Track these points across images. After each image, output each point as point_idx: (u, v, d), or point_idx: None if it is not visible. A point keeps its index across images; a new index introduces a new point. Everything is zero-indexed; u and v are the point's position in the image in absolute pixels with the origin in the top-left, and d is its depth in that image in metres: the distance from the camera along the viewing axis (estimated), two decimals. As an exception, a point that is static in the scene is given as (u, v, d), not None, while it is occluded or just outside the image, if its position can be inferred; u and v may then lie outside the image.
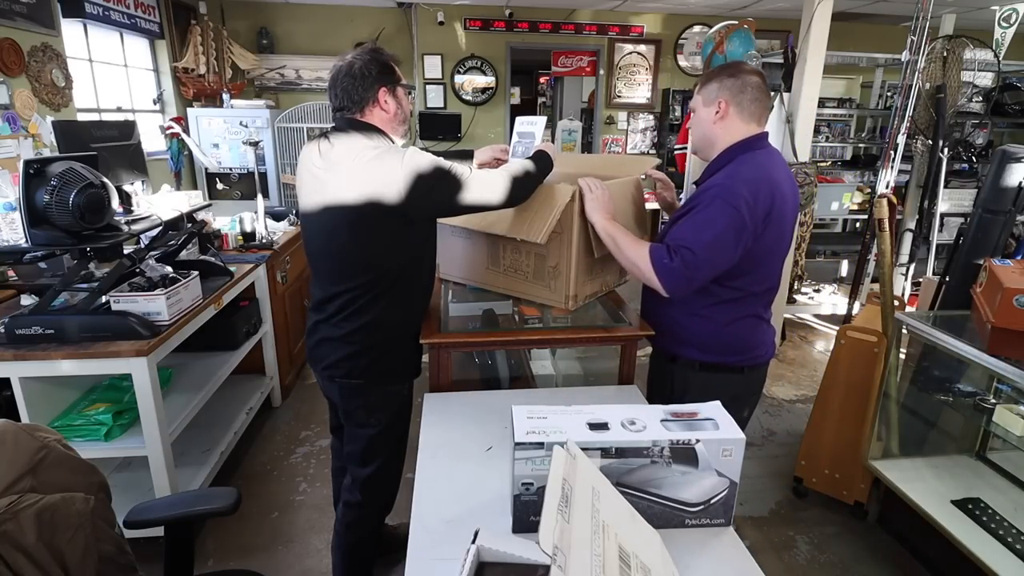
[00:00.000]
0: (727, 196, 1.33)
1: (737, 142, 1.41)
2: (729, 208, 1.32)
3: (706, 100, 1.43)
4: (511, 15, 5.86)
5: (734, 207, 1.32)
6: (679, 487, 1.02)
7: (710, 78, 1.43)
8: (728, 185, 1.34)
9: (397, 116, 1.48)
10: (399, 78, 1.47)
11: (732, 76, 1.39)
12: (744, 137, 1.41)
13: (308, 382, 3.30)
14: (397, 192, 1.33)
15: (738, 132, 1.41)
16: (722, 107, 1.39)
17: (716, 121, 1.41)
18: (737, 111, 1.40)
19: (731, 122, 1.40)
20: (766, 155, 1.42)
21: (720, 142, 1.43)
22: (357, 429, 1.56)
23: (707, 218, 1.33)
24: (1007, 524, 1.87)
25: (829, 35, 3.30)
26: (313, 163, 1.42)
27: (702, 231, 1.33)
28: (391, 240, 1.40)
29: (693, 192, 1.49)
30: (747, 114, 1.40)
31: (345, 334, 1.46)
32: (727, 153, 1.42)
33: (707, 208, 1.34)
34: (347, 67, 1.40)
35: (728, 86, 1.39)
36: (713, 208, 1.33)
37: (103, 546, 1.05)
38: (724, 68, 1.43)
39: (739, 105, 1.39)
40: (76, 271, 1.84)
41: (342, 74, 1.41)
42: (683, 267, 1.33)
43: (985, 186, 2.34)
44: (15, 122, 3.03)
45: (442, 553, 1.00)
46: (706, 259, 1.34)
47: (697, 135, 1.47)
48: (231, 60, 5.24)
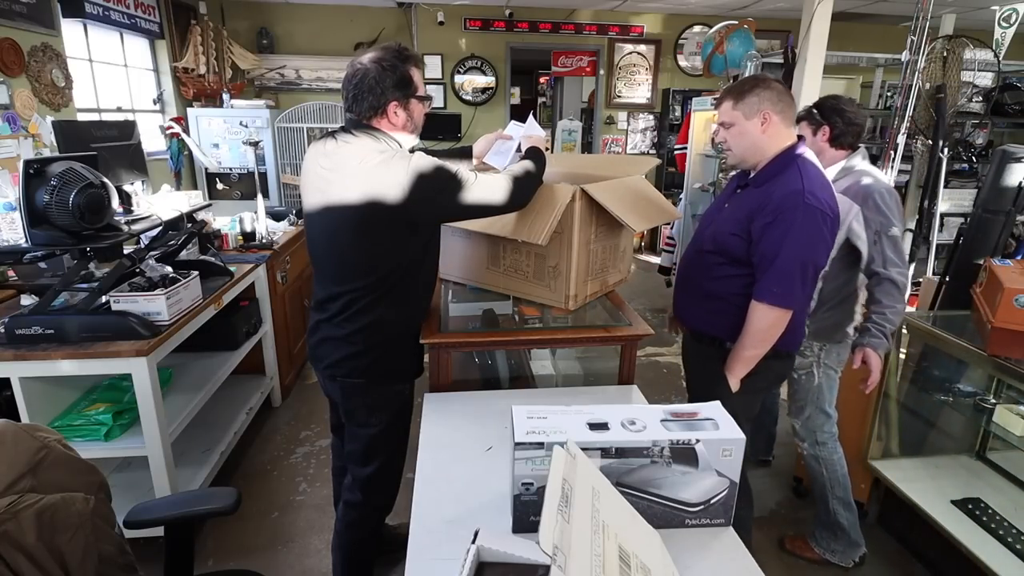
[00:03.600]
0: (810, 200, 1.40)
1: (787, 147, 1.50)
2: (815, 211, 1.40)
3: (748, 113, 1.49)
4: (511, 15, 5.86)
5: (819, 209, 1.40)
6: (679, 487, 1.02)
7: (745, 92, 1.49)
8: (805, 189, 1.41)
9: (406, 127, 1.46)
10: (415, 90, 1.43)
11: (766, 87, 1.48)
12: (791, 142, 1.51)
13: (308, 382, 3.30)
14: (401, 197, 1.32)
15: (784, 137, 1.50)
16: (767, 117, 1.48)
17: (765, 131, 1.49)
18: (781, 118, 1.49)
19: (777, 129, 1.49)
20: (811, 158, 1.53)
21: (770, 149, 1.50)
22: (358, 429, 1.56)
23: (798, 225, 1.40)
24: (1007, 524, 1.87)
25: (829, 35, 3.31)
26: (319, 162, 1.42)
27: (798, 240, 1.41)
28: (394, 243, 1.40)
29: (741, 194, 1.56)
30: (788, 120, 1.51)
31: (347, 334, 1.46)
32: (781, 159, 1.49)
33: (794, 215, 1.41)
34: (363, 74, 1.38)
35: (767, 97, 1.47)
36: (800, 214, 1.40)
37: (103, 546, 1.05)
38: (753, 82, 1.51)
39: (781, 113, 1.48)
40: (76, 271, 1.84)
41: (357, 79, 1.38)
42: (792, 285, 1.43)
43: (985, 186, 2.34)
44: (15, 122, 3.03)
45: (442, 553, 1.00)
46: (810, 263, 1.43)
47: (744, 146, 1.53)
48: (231, 60, 5.24)
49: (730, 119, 1.53)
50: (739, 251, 1.51)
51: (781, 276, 1.43)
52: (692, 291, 1.66)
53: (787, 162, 1.49)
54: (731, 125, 1.53)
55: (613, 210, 1.55)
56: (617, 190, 1.65)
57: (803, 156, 1.50)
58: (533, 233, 1.52)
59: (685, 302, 1.71)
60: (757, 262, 1.47)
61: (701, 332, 1.65)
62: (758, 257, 1.47)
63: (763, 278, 1.46)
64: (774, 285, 1.44)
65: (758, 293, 1.46)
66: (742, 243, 1.50)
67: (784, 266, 1.42)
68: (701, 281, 1.62)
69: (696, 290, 1.64)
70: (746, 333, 1.50)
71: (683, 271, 1.73)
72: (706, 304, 1.61)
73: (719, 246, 1.55)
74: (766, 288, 1.45)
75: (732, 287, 1.54)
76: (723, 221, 1.57)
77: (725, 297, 1.56)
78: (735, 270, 1.53)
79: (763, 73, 1.54)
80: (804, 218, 1.40)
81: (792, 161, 1.48)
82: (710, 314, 1.61)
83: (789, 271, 1.42)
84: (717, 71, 4.14)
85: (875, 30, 6.16)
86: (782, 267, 1.42)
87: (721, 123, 1.56)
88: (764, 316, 1.46)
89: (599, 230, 1.69)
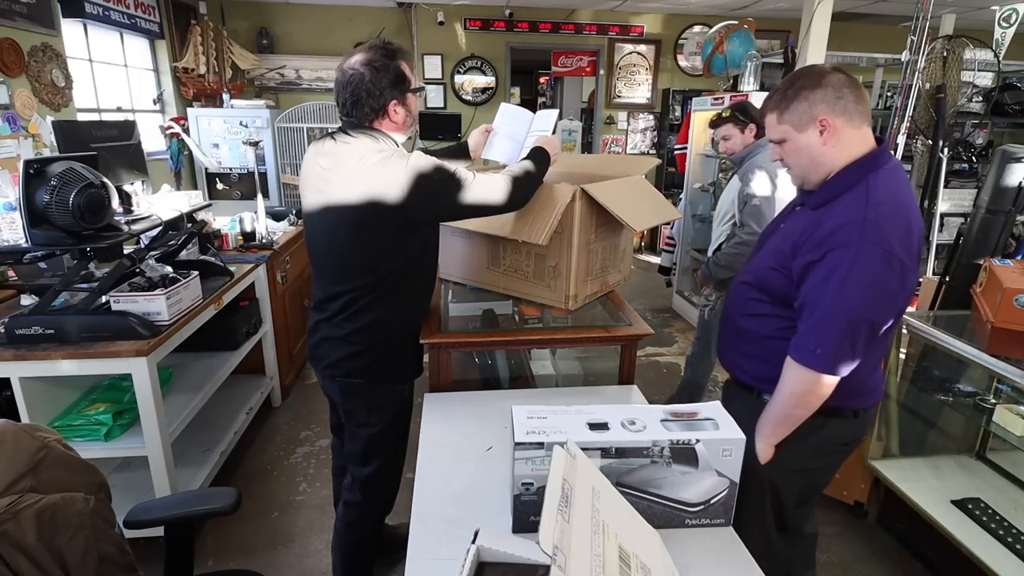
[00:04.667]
0: (872, 235, 1.08)
1: (859, 159, 1.17)
2: (878, 251, 1.08)
3: (799, 124, 1.18)
4: (511, 15, 5.86)
5: (884, 248, 1.08)
6: (679, 487, 1.02)
7: (790, 98, 1.18)
8: (868, 220, 1.09)
9: (406, 123, 1.47)
10: (410, 83, 1.43)
11: (817, 85, 1.15)
12: (866, 151, 1.17)
13: (308, 382, 3.30)
14: (400, 196, 1.32)
15: (855, 143, 1.17)
16: (826, 124, 1.15)
17: (827, 142, 1.16)
18: (845, 120, 1.15)
19: (842, 135, 1.16)
20: (894, 174, 1.17)
21: (835, 163, 1.18)
22: (358, 428, 1.56)
23: (851, 268, 1.09)
24: (1007, 524, 1.87)
25: (829, 35, 3.31)
26: (318, 162, 1.42)
27: (850, 289, 1.09)
28: (393, 243, 1.40)
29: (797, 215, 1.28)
30: (857, 118, 1.16)
31: (347, 334, 1.46)
32: (848, 174, 1.17)
33: (846, 253, 1.10)
34: (358, 78, 1.37)
35: (820, 98, 1.15)
36: (855, 253, 1.09)
37: (103, 546, 1.05)
38: (798, 81, 1.18)
39: (846, 113, 1.15)
40: (76, 271, 1.84)
41: (353, 84, 1.38)
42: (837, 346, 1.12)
43: (985, 186, 2.34)
44: (15, 122, 3.03)
45: (442, 553, 1.00)
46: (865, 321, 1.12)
47: (803, 164, 1.22)
48: (231, 60, 5.24)
49: (779, 135, 1.22)
50: (779, 289, 1.23)
51: (822, 334, 1.13)
52: (727, 326, 1.42)
53: (853, 179, 1.16)
54: (783, 141, 1.22)
55: (613, 210, 1.55)
56: (617, 190, 1.65)
57: (881, 172, 1.15)
58: (533, 233, 1.52)
59: (725, 340, 1.45)
60: (798, 308, 1.19)
61: (735, 377, 1.42)
62: (799, 301, 1.18)
63: (801, 332, 1.17)
64: (813, 343, 1.14)
65: (794, 348, 1.18)
66: (782, 280, 1.22)
67: (828, 321, 1.12)
68: (735, 315, 1.37)
69: (729, 325, 1.40)
70: (777, 393, 1.23)
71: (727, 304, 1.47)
72: (739, 344, 1.37)
73: (757, 279, 1.30)
74: (803, 345, 1.16)
75: (767, 328, 1.28)
76: (768, 250, 1.30)
77: (760, 338, 1.30)
78: (774, 309, 1.27)
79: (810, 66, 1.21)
80: (861, 259, 1.08)
81: (861, 178, 1.15)
82: (744, 356, 1.36)
83: (834, 329, 1.11)
84: (717, 71, 4.14)
85: (875, 30, 6.16)
86: (825, 322, 1.12)
87: (770, 140, 1.26)
88: (798, 379, 1.17)
89: (599, 230, 1.69)
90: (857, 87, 1.16)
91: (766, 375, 1.27)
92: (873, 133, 1.20)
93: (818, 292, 1.13)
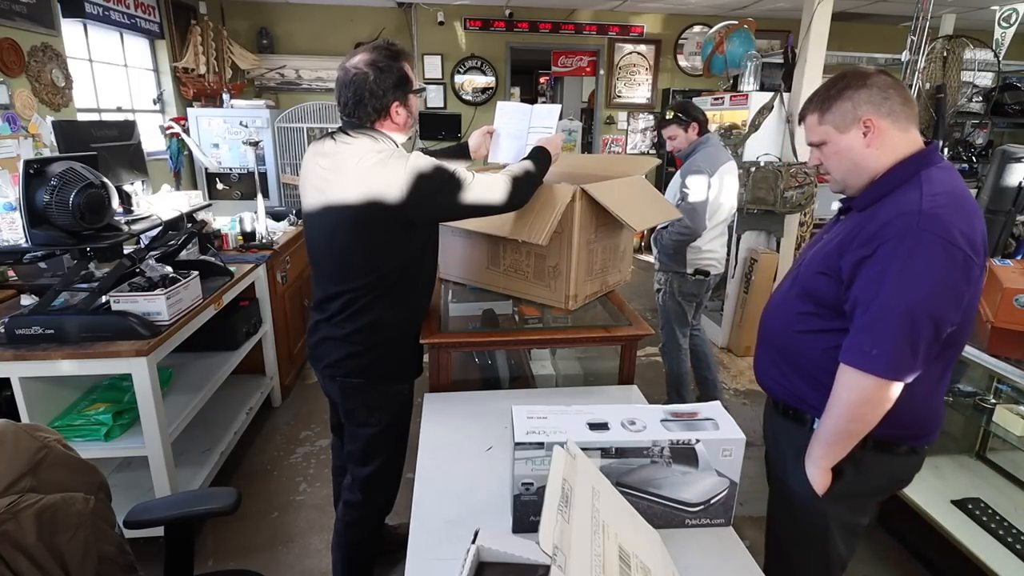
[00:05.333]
0: (931, 224, 1.00)
1: (908, 156, 1.10)
2: (938, 240, 0.99)
3: (841, 125, 1.12)
4: (511, 15, 5.86)
5: (945, 238, 0.99)
6: (679, 487, 1.02)
7: (832, 98, 1.13)
8: (925, 210, 1.01)
9: (407, 124, 1.47)
10: (411, 85, 1.43)
11: (861, 85, 1.10)
12: (913, 150, 1.10)
13: (308, 382, 3.30)
14: (400, 196, 1.32)
15: (901, 146, 1.10)
16: (872, 125, 1.09)
17: (871, 144, 1.10)
18: (891, 122, 1.09)
19: (887, 138, 1.10)
20: (948, 171, 1.10)
21: (880, 165, 1.12)
22: (358, 428, 1.56)
23: (909, 259, 1.00)
24: (1007, 524, 1.88)
25: (829, 35, 3.31)
26: (318, 162, 1.42)
27: (909, 281, 1.00)
28: (392, 242, 1.40)
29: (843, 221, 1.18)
30: (903, 120, 1.10)
31: (347, 334, 1.46)
32: (897, 172, 1.10)
33: (902, 244, 1.01)
34: (361, 79, 1.37)
35: (865, 98, 1.09)
36: (913, 243, 1.00)
37: (103, 546, 1.05)
38: (841, 81, 1.13)
39: (891, 115, 1.09)
40: (76, 271, 1.84)
41: (355, 84, 1.38)
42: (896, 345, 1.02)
43: (985, 186, 2.34)
44: (15, 122, 3.03)
45: (442, 553, 1.00)
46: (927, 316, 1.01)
47: (845, 168, 1.15)
48: (231, 60, 5.24)
49: (820, 136, 1.16)
50: (829, 295, 1.13)
51: (879, 331, 1.03)
52: (768, 343, 1.29)
53: (904, 175, 1.09)
54: (823, 144, 1.17)
55: (613, 210, 1.55)
56: (617, 190, 1.65)
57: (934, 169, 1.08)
58: (533, 233, 1.52)
59: (761, 357, 1.33)
60: (849, 310, 1.09)
61: (778, 400, 1.29)
62: (850, 303, 1.09)
63: (854, 332, 1.07)
64: (867, 342, 1.04)
65: (846, 352, 1.07)
66: (832, 284, 1.12)
67: (884, 317, 1.02)
68: (779, 332, 1.25)
69: (772, 342, 1.28)
70: (831, 405, 1.11)
71: (765, 319, 1.34)
72: (786, 364, 1.23)
73: (804, 288, 1.19)
74: (856, 346, 1.06)
75: (820, 345, 1.16)
76: (813, 257, 1.20)
77: (811, 357, 1.18)
78: (826, 322, 1.15)
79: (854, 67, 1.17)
80: (920, 249, 0.99)
81: (913, 174, 1.08)
82: (791, 378, 1.23)
83: (891, 325, 1.01)
84: (717, 71, 4.14)
85: (875, 30, 6.16)
86: (881, 318, 1.02)
87: (810, 143, 1.20)
88: (853, 386, 1.06)
89: (599, 230, 1.69)
90: (903, 89, 1.10)
91: (818, 400, 1.15)
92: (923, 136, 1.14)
93: (871, 288, 1.03)
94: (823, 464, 1.15)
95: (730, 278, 3.73)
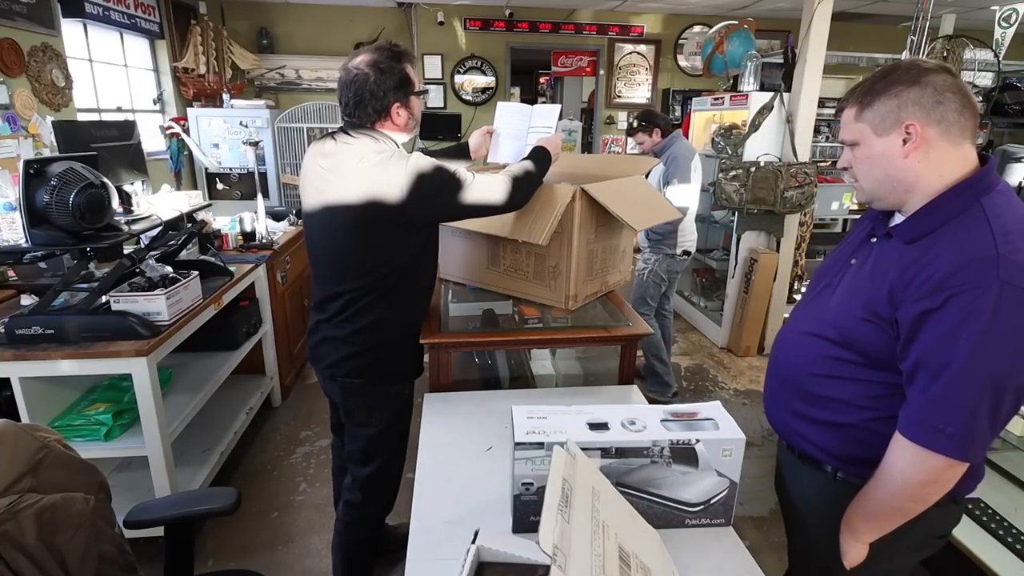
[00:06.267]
0: (1016, 276, 0.83)
1: (963, 180, 0.93)
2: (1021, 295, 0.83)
3: (880, 126, 0.94)
4: (511, 15, 5.86)
5: None
6: (679, 487, 1.02)
7: (877, 92, 0.94)
8: (1008, 256, 0.84)
9: (408, 125, 1.47)
10: (413, 86, 1.43)
11: (914, 83, 0.91)
12: (968, 171, 0.93)
13: (308, 382, 3.30)
14: (400, 197, 1.32)
15: (950, 163, 0.93)
16: (915, 131, 0.91)
17: (910, 153, 0.93)
18: (940, 132, 0.91)
19: (933, 149, 0.92)
20: (1009, 197, 0.94)
21: (924, 183, 0.94)
22: (358, 428, 1.56)
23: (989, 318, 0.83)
24: (1007, 524, 1.87)
25: (829, 35, 3.30)
26: (318, 162, 1.42)
27: (990, 345, 0.84)
28: (392, 243, 1.40)
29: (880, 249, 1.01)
30: (956, 133, 0.92)
31: (347, 334, 1.46)
32: (951, 198, 0.92)
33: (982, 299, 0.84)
34: (362, 79, 1.37)
35: (914, 99, 0.91)
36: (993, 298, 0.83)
37: (103, 546, 1.05)
38: (893, 74, 0.94)
39: (942, 123, 0.91)
40: (76, 271, 1.84)
41: (357, 84, 1.37)
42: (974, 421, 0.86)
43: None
44: (15, 122, 3.03)
45: (442, 553, 1.00)
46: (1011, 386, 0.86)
47: (875, 178, 0.98)
48: (231, 60, 5.25)
49: (854, 136, 0.99)
50: (876, 347, 0.97)
51: (955, 405, 0.86)
52: (785, 382, 1.14)
53: (961, 204, 0.91)
54: (855, 144, 0.99)
55: (613, 210, 1.55)
56: (617, 190, 1.65)
57: (994, 195, 0.91)
58: (533, 233, 1.52)
59: (778, 397, 1.17)
60: (909, 370, 0.92)
61: (793, 445, 1.15)
62: (910, 362, 0.91)
63: (920, 402, 0.90)
64: (940, 418, 0.87)
65: (910, 426, 0.91)
66: (882, 336, 0.95)
67: (962, 389, 0.85)
68: (799, 373, 1.09)
69: (790, 383, 1.12)
70: (884, 481, 0.95)
71: (779, 353, 1.17)
72: (806, 409, 1.09)
73: (842, 333, 1.01)
74: (925, 421, 0.89)
75: (849, 393, 1.02)
76: (848, 294, 1.02)
77: (839, 407, 1.04)
78: (863, 372, 1.00)
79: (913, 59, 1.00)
80: (1003, 306, 0.83)
81: (970, 203, 0.91)
82: (812, 425, 1.08)
83: (971, 399, 0.85)
84: (717, 71, 4.14)
85: (875, 30, 6.16)
86: (958, 390, 0.85)
87: (842, 141, 1.02)
88: (919, 466, 0.91)
89: (599, 230, 1.69)
90: (965, 95, 0.91)
91: (843, 452, 1.04)
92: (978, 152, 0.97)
93: (944, 351, 0.86)
94: (865, 539, 1.02)
95: (730, 278, 3.73)
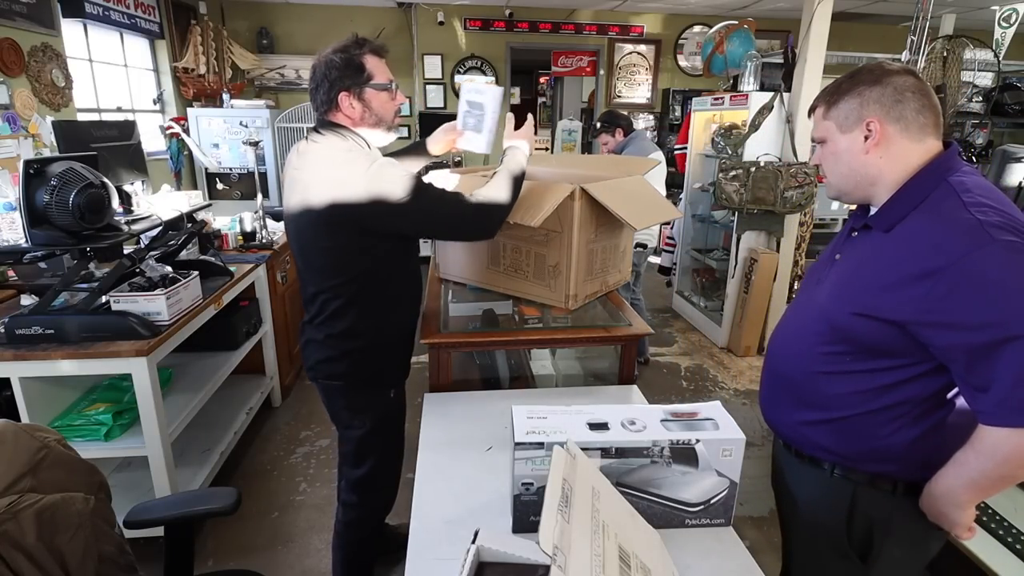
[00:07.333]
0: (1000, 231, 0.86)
1: (926, 166, 0.98)
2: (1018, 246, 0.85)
3: (843, 124, 1.01)
4: (511, 15, 5.86)
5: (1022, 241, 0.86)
6: (679, 487, 1.02)
7: (843, 92, 1.01)
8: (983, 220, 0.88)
9: (364, 118, 1.39)
10: (368, 77, 1.36)
11: (875, 83, 0.98)
12: (929, 157, 0.98)
13: (308, 382, 3.28)
14: (355, 202, 1.29)
15: (910, 156, 0.98)
16: (875, 128, 0.98)
17: (870, 149, 0.99)
18: (900, 129, 0.97)
19: (894, 145, 0.98)
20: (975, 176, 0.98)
21: (887, 177, 1.00)
22: (344, 430, 1.56)
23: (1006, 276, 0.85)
24: (1007, 524, 1.87)
25: (829, 35, 3.31)
26: (292, 163, 1.42)
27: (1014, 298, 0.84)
28: (351, 246, 1.36)
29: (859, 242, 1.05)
30: (915, 129, 0.97)
31: (324, 337, 1.45)
32: (917, 183, 0.97)
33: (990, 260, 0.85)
34: (318, 68, 1.36)
35: (875, 97, 0.97)
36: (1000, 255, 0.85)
37: (103, 546, 1.05)
38: (857, 76, 1.01)
39: (900, 120, 0.97)
40: (76, 271, 1.84)
41: (313, 74, 1.38)
42: None
43: (985, 186, 2.34)
44: (15, 122, 3.03)
45: (442, 553, 1.00)
46: None
47: (839, 172, 1.05)
48: (231, 60, 5.24)
49: (821, 133, 1.06)
50: (873, 338, 0.98)
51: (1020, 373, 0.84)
52: (781, 380, 1.16)
53: (931, 183, 0.96)
54: (823, 141, 1.06)
55: (613, 209, 1.55)
56: (617, 189, 1.65)
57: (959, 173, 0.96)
58: (527, 216, 1.48)
59: (774, 396, 1.18)
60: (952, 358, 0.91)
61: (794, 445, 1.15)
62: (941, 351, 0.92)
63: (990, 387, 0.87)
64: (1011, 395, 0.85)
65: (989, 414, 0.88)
66: (878, 328, 0.96)
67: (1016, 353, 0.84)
68: (796, 371, 1.11)
69: (790, 384, 1.13)
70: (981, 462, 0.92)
71: (774, 352, 1.19)
72: (804, 407, 1.10)
73: (836, 328, 1.02)
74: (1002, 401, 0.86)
75: (848, 387, 1.03)
76: (834, 288, 1.05)
77: (838, 402, 1.04)
78: (859, 363, 1.01)
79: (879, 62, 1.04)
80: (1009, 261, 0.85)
81: (939, 180, 0.95)
82: (813, 425, 1.09)
83: None
84: (717, 71, 4.14)
85: (875, 30, 6.16)
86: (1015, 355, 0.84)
87: (812, 138, 1.10)
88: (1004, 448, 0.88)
89: (599, 230, 1.69)
90: (925, 95, 0.97)
91: (840, 448, 1.05)
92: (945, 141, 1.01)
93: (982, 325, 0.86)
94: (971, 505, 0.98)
95: (730, 278, 3.73)
